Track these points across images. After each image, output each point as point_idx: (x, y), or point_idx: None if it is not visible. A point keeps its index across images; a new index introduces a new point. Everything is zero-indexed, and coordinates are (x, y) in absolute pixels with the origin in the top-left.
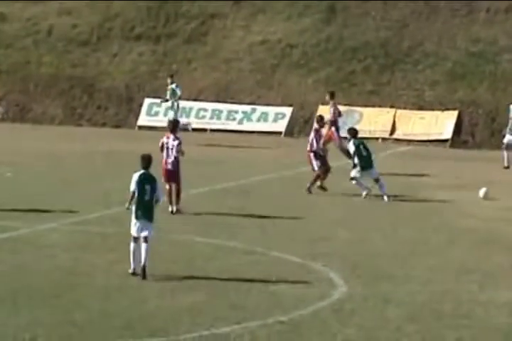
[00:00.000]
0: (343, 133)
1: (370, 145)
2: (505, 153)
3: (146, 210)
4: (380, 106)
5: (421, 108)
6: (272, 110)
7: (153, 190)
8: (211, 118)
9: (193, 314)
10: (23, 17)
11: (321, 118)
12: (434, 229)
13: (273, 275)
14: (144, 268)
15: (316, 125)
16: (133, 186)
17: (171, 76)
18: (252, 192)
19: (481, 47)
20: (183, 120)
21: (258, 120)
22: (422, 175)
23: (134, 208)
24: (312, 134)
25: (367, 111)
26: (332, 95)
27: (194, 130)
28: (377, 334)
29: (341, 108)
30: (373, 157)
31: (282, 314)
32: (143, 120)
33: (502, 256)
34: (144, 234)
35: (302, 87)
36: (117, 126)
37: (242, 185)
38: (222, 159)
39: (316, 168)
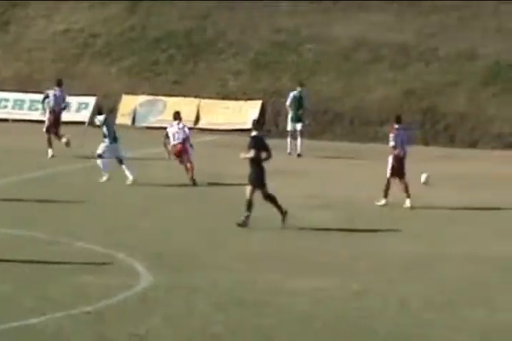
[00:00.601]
0: None
1: None
2: (289, 141)
3: None
4: (184, 95)
5: (225, 97)
6: (75, 100)
7: None
8: (13, 108)
9: None
10: None
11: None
12: (238, 218)
13: (77, 266)
14: None
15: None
16: None
17: None
18: (56, 182)
19: (283, 37)
20: None
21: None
22: (228, 164)
23: None
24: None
25: (171, 100)
26: (59, 83)
27: None
28: (183, 322)
29: (146, 97)
30: (118, 134)
31: (87, 304)
32: None
33: (304, 244)
34: None
35: (106, 76)
36: None
37: (47, 174)
38: (26, 149)
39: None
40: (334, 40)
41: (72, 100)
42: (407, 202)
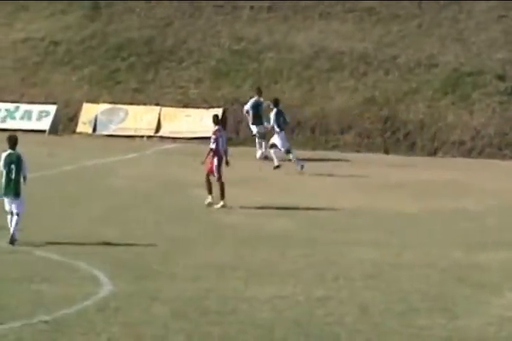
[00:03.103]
0: None
1: (136, 143)
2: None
3: (12, 187)
4: (145, 103)
5: (186, 105)
6: (35, 108)
7: (19, 168)
8: None
9: None
10: None
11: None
12: (200, 226)
13: (37, 275)
14: (12, 236)
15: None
16: (0, 165)
17: None
18: None
19: (244, 45)
20: None
21: (22, 118)
22: (188, 173)
23: (2, 186)
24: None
25: (132, 108)
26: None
27: None
28: (144, 331)
29: (107, 106)
30: None
31: (46, 313)
32: None
33: (265, 252)
34: (14, 209)
35: (66, 84)
36: None
37: None
38: None
39: None
40: (294, 49)
41: (33, 108)
42: (221, 203)
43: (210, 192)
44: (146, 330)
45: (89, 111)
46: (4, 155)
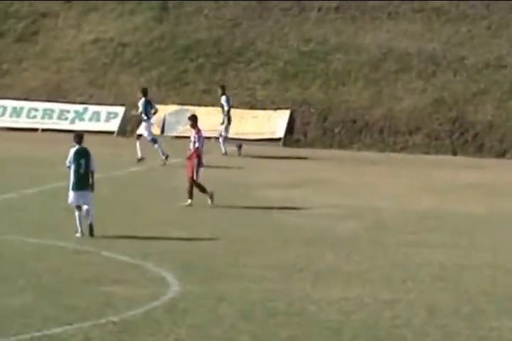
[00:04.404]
0: None
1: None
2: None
3: (82, 181)
4: (212, 105)
5: (253, 107)
6: (104, 109)
7: (88, 162)
8: (43, 117)
9: (23, 315)
10: None
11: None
12: (267, 228)
13: (104, 276)
14: (91, 226)
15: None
16: (68, 160)
17: None
18: None
19: (312, 47)
20: None
21: (90, 119)
22: (255, 174)
23: (71, 180)
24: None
25: (200, 110)
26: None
27: (24, 130)
28: (211, 332)
29: (175, 107)
30: None
31: (114, 314)
32: None
33: (332, 254)
34: (84, 201)
35: (134, 86)
36: None
37: None
38: (53, 159)
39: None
40: (362, 50)
41: (102, 110)
42: (188, 202)
43: (203, 191)
44: (213, 331)
45: (157, 113)
46: (73, 150)
